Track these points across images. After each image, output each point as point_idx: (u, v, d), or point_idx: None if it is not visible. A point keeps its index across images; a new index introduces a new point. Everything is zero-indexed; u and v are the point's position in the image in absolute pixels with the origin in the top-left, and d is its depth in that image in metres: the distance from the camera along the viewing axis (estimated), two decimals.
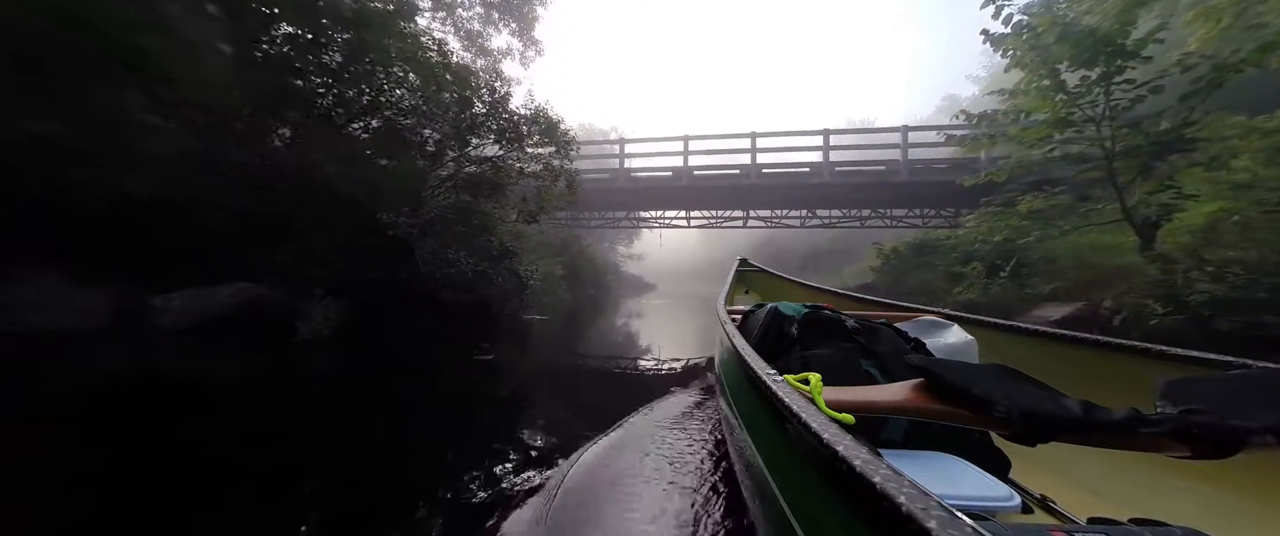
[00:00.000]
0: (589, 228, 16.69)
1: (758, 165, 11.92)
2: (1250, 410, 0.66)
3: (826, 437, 0.56)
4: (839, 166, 11.85)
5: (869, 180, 11.69)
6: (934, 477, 0.94)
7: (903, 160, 11.40)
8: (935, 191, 12.23)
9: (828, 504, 0.58)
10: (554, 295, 10.90)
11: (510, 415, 2.87)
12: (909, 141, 11.45)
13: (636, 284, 35.61)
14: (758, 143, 11.94)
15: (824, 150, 11.66)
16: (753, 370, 0.92)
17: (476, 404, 3.06)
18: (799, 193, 13.06)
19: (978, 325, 1.63)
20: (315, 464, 2.02)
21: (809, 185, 12.02)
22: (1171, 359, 1.08)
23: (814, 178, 11.77)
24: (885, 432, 1.15)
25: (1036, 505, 1.08)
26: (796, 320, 1.48)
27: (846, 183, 11.77)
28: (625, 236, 39.68)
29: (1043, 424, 0.69)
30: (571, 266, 13.31)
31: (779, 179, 11.99)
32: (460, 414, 2.72)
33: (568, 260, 13.26)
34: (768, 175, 12.02)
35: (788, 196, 13.50)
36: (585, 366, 4.58)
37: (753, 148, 11.94)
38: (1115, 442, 0.69)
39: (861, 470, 0.48)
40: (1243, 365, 0.94)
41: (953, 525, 0.38)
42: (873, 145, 13.92)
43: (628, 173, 12.58)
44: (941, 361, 0.98)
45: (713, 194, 13.46)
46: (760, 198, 13.73)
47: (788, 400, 0.71)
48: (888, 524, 0.43)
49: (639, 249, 42.14)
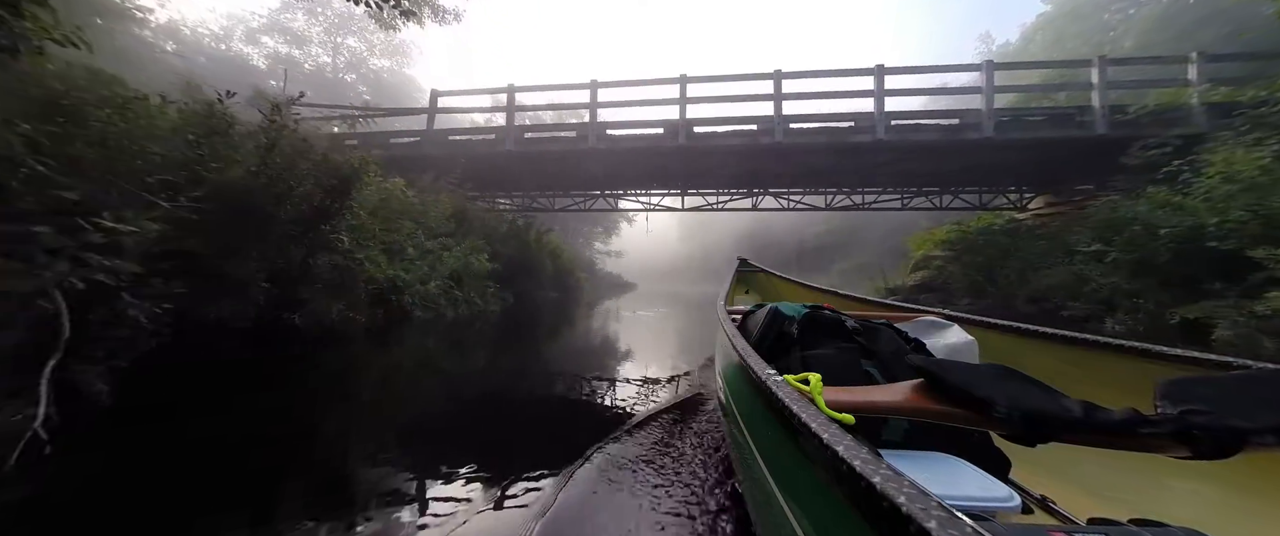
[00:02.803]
0: (551, 212, 12.99)
1: (783, 119, 8.46)
2: (1251, 410, 0.66)
3: (826, 438, 0.56)
4: (897, 120, 8.48)
5: (938, 138, 8.36)
6: (934, 477, 0.94)
7: (986, 110, 8.10)
8: (1025, 159, 9.03)
9: (828, 504, 0.57)
10: (476, 292, 7.33)
11: None
12: (995, 84, 8.19)
13: (615, 283, 32.13)
14: (784, 86, 8.49)
15: (876, 96, 8.27)
16: (753, 370, 0.91)
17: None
18: (832, 164, 9.69)
19: (978, 325, 1.62)
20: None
21: (855, 147, 8.65)
22: (1171, 359, 1.07)
23: (861, 134, 8.38)
24: (885, 433, 1.13)
25: (1036, 505, 1.08)
26: (796, 320, 1.47)
27: (907, 142, 8.42)
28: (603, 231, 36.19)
29: (1043, 424, 0.69)
30: (519, 259, 9.63)
31: (814, 138, 8.55)
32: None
33: (511, 250, 9.56)
34: (798, 133, 8.58)
35: (817, 169, 10.11)
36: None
37: (777, 92, 8.47)
38: (1115, 443, 0.68)
39: (861, 470, 0.48)
40: (1243, 365, 0.94)
41: (953, 525, 0.38)
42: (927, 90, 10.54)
43: (601, 129, 8.98)
44: (941, 361, 0.88)
45: (718, 165, 9.97)
46: (780, 169, 10.30)
47: (788, 400, 0.70)
48: (888, 524, 0.42)
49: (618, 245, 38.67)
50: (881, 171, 10.22)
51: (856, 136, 8.41)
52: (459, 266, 7.02)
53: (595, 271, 28.73)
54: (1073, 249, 7.51)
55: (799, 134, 8.57)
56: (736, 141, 8.68)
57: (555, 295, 11.96)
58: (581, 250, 31.02)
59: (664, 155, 9.66)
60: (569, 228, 32.13)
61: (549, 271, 11.62)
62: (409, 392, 3.17)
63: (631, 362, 4.33)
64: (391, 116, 10.10)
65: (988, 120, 8.12)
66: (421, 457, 1.98)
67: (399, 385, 3.33)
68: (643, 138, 9.02)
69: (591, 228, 33.61)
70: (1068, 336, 1.33)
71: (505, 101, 9.23)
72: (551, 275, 11.86)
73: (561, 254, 13.72)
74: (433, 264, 6.33)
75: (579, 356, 4.70)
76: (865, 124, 8.38)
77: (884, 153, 9.17)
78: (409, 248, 6.09)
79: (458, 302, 6.78)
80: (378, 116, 9.85)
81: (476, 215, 8.97)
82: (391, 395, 3.07)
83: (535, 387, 3.40)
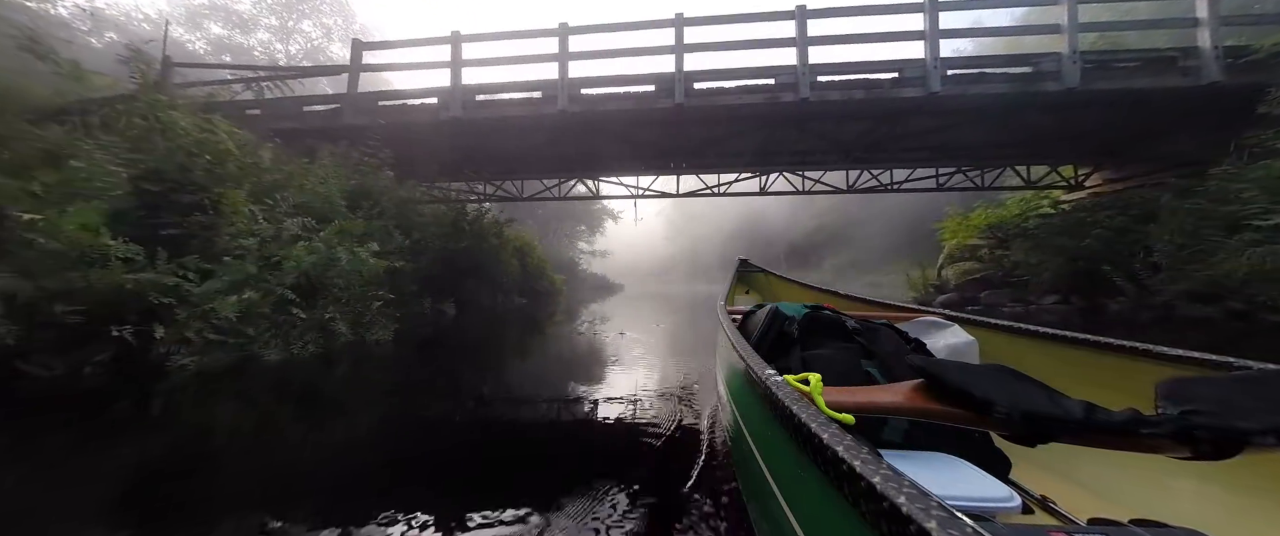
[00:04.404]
0: (519, 202, 10.86)
1: (810, 70, 6.51)
2: (1251, 411, 0.65)
3: (826, 438, 0.56)
4: (954, 68, 6.59)
5: (1008, 90, 6.49)
6: (934, 478, 0.91)
7: (1069, 52, 6.27)
8: (1105, 121, 7.25)
9: (828, 504, 0.56)
10: (350, 309, 5.16)
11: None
12: (1078, 19, 6.35)
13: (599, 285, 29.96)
14: (809, 28, 6.54)
15: (928, 38, 6.38)
16: (753, 370, 0.90)
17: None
18: (863, 134, 7.79)
19: (978, 325, 1.61)
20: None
21: (899, 108, 6.75)
22: (1172, 359, 1.06)
23: (909, 87, 6.48)
24: (885, 433, 1.11)
25: (1037, 505, 1.07)
26: (797, 320, 1.45)
27: (966, 99, 6.54)
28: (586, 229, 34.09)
29: (1043, 424, 0.69)
30: (470, 257, 7.48)
31: (849, 93, 6.61)
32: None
33: (451, 244, 7.39)
34: (828, 88, 6.64)
35: (842, 141, 8.20)
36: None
37: (800, 35, 6.52)
38: (1116, 443, 0.68)
39: (861, 470, 0.48)
40: (1244, 366, 0.93)
41: (953, 525, 0.38)
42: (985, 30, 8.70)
43: (575, 88, 6.93)
44: (941, 362, 0.87)
45: (723, 135, 8.00)
46: (798, 141, 8.37)
47: (788, 400, 0.70)
48: (888, 524, 0.42)
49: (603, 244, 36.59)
50: (924, 142, 8.34)
51: (904, 91, 6.50)
52: (316, 266, 4.32)
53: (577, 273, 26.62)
54: (1241, 221, 5.57)
55: (829, 89, 6.62)
56: (751, 99, 6.70)
57: (522, 302, 9.86)
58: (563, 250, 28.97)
59: (655, 124, 7.65)
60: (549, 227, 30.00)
61: (514, 273, 9.50)
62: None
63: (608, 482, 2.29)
64: (305, 77, 7.92)
65: (1072, 66, 6.28)
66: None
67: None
68: (628, 97, 6.98)
69: (574, 226, 31.53)
70: (1068, 336, 1.32)
71: (449, 56, 7.12)
72: (517, 278, 9.74)
73: (532, 252, 11.59)
74: (266, 262, 4.07)
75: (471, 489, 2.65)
76: (913, 74, 6.48)
77: (934, 115, 7.29)
78: (231, 232, 3.91)
79: (298, 330, 4.03)
80: (287, 77, 7.64)
81: (390, 195, 6.77)
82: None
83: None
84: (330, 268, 4.35)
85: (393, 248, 5.54)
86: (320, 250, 4.30)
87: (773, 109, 6.89)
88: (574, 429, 2.37)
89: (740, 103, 6.72)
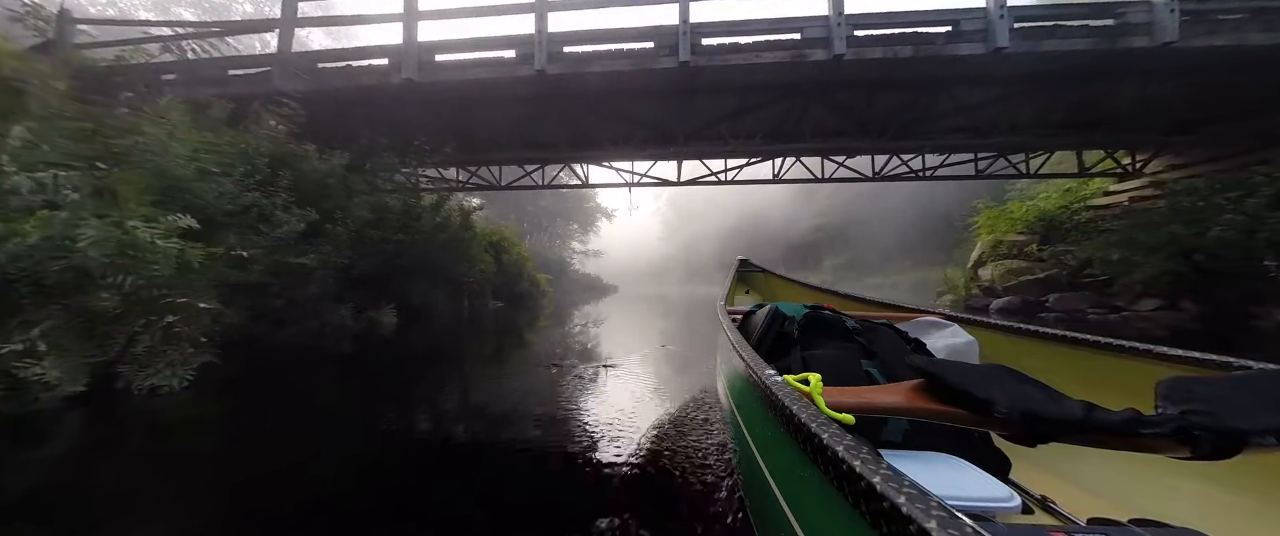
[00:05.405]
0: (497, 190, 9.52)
1: (845, 19, 5.26)
2: (1251, 411, 0.64)
3: (826, 438, 0.55)
4: (1023, 19, 5.36)
5: (1090, 46, 5.27)
6: (934, 478, 0.91)
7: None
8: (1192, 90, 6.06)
9: (828, 504, 0.56)
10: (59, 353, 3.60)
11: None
12: None
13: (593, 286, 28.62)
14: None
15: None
16: (753, 370, 0.90)
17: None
18: (903, 107, 6.55)
19: (978, 325, 1.62)
20: None
21: (953, 71, 5.51)
22: (1172, 359, 1.05)
23: (969, 42, 5.25)
24: (885, 433, 1.09)
25: (1037, 505, 1.06)
26: (797, 320, 1.45)
27: (1037, 58, 5.32)
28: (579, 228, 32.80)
29: (1043, 424, 0.68)
30: (419, 254, 6.09)
31: (895, 48, 5.35)
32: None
33: (395, 236, 6.01)
34: (866, 40, 5.39)
35: (874, 119, 6.95)
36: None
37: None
38: (1115, 443, 0.68)
39: (861, 470, 0.47)
40: (1243, 366, 0.92)
41: (953, 525, 0.37)
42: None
43: (555, 44, 5.64)
44: (941, 362, 0.88)
45: (734, 108, 6.73)
46: (821, 116, 7.10)
47: (788, 400, 0.70)
48: (888, 524, 0.42)
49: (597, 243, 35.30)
50: (971, 119, 7.09)
51: (961, 46, 5.26)
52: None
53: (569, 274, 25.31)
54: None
55: (869, 45, 5.37)
56: (772, 58, 5.43)
57: (499, 305, 8.53)
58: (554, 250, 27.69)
59: (652, 95, 6.37)
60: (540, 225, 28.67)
61: (489, 271, 8.16)
62: None
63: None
64: (233, 34, 6.57)
65: (1168, 14, 5.06)
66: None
67: None
68: (621, 55, 5.70)
69: (565, 224, 30.26)
70: (1068, 336, 1.30)
71: (402, 4, 5.81)
72: (492, 277, 8.40)
73: (510, 247, 10.25)
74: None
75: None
76: (973, 25, 5.24)
77: (989, 84, 6.06)
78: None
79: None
80: (209, 36, 6.29)
81: (308, 168, 5.36)
82: None
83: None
84: (52, 253, 2.47)
85: (290, 236, 4.20)
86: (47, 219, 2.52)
87: (798, 72, 5.63)
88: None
89: (758, 61, 5.45)
